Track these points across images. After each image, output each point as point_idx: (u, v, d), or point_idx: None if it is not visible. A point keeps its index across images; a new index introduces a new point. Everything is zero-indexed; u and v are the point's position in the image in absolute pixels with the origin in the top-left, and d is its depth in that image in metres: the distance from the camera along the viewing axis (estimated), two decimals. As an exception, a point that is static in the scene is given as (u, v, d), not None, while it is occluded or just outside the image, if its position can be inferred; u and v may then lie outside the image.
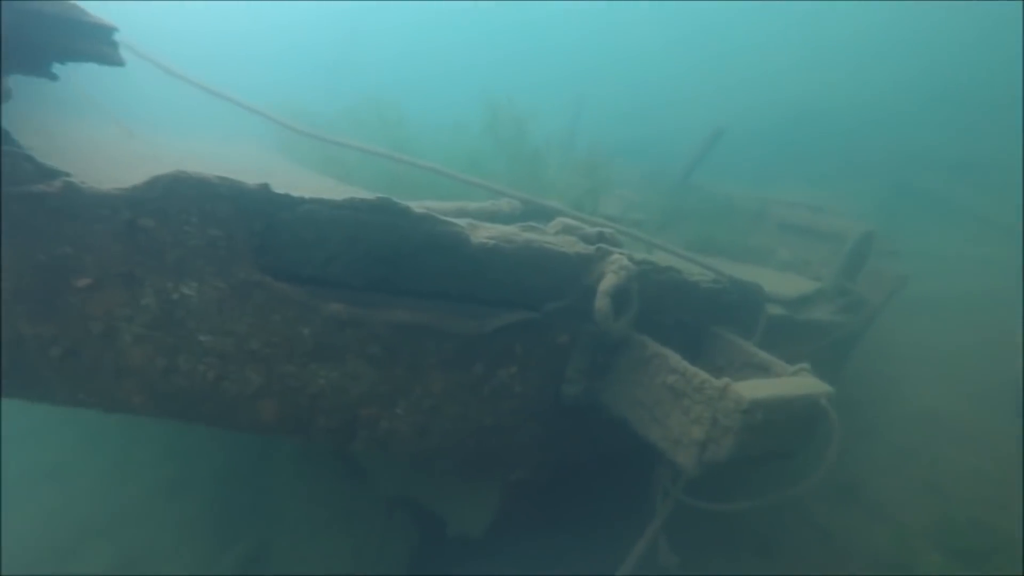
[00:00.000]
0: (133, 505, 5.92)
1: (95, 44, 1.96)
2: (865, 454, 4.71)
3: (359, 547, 4.84)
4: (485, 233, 2.69)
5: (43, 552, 5.43)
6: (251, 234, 2.19)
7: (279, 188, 2.28)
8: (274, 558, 5.34)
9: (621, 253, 3.00)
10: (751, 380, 2.83)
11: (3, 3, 1.61)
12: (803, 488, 3.07)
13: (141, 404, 2.28)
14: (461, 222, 2.63)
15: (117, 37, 2.21)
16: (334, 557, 4.99)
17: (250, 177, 2.17)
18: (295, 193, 2.23)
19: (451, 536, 3.69)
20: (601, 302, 2.82)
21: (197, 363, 2.30)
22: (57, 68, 2.10)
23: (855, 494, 4.43)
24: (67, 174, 1.89)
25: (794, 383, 2.95)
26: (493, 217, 3.75)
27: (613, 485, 3.66)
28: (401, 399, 2.79)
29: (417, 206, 2.91)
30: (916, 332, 6.15)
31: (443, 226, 2.53)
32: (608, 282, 2.83)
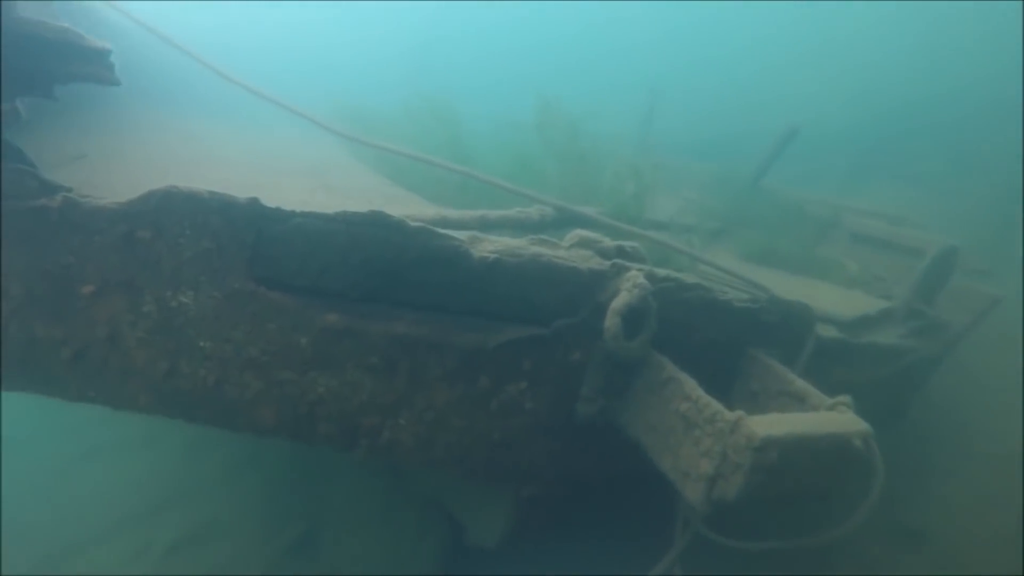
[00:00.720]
0: (205, 479, 6.35)
1: (92, 66, 2.08)
2: (939, 497, 4.22)
3: (396, 542, 4.95)
4: (489, 247, 2.63)
5: (124, 517, 5.93)
6: (243, 246, 2.25)
7: (273, 200, 2.33)
8: (322, 542, 5.57)
9: (640, 269, 2.84)
10: (773, 414, 2.60)
11: (4, 28, 1.73)
12: (830, 536, 2.81)
13: (146, 403, 2.41)
14: (462, 235, 2.58)
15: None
16: (374, 549, 5.14)
17: (297, 176, 2.20)
18: (287, 207, 2.25)
19: (467, 545, 3.68)
20: (611, 321, 2.68)
21: (198, 367, 2.40)
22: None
23: (922, 540, 3.97)
24: (68, 189, 2.02)
25: (826, 419, 2.68)
26: (521, 225, 3.67)
27: (634, 506, 3.51)
28: (404, 410, 2.79)
29: (416, 218, 2.90)
30: (1014, 361, 5.42)
31: (440, 240, 2.49)
32: (620, 301, 2.68)
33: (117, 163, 3.13)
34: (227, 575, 5.52)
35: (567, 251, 2.80)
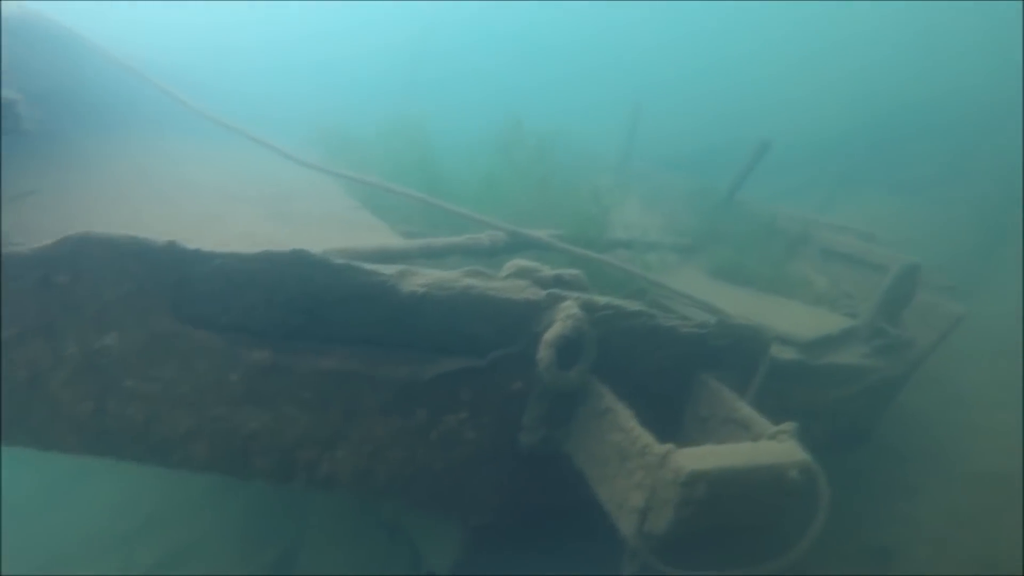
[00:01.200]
0: (187, 500, 6.39)
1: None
2: (907, 515, 4.14)
3: (367, 564, 4.96)
4: (419, 280, 2.63)
5: (108, 537, 5.99)
6: (164, 287, 2.27)
7: (196, 242, 2.35)
8: (299, 564, 5.59)
9: (578, 297, 2.83)
10: (707, 446, 2.58)
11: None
12: (773, 567, 2.77)
13: (75, 444, 2.43)
14: (391, 269, 2.58)
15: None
16: (346, 570, 5.15)
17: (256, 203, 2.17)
18: (206, 248, 2.27)
19: (423, 572, 3.68)
20: (544, 352, 2.68)
21: (126, 406, 2.42)
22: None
23: (888, 559, 3.90)
24: (-16, 236, 2.05)
25: (762, 450, 2.65)
26: (471, 251, 3.68)
27: (587, 533, 3.48)
28: (341, 442, 2.80)
29: (350, 252, 2.91)
30: (988, 379, 5.32)
31: (366, 276, 2.50)
32: (553, 332, 2.68)
33: (68, 199, 3.18)
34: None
35: (502, 282, 2.80)
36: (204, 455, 2.63)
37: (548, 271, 2.92)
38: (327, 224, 3.91)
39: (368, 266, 2.53)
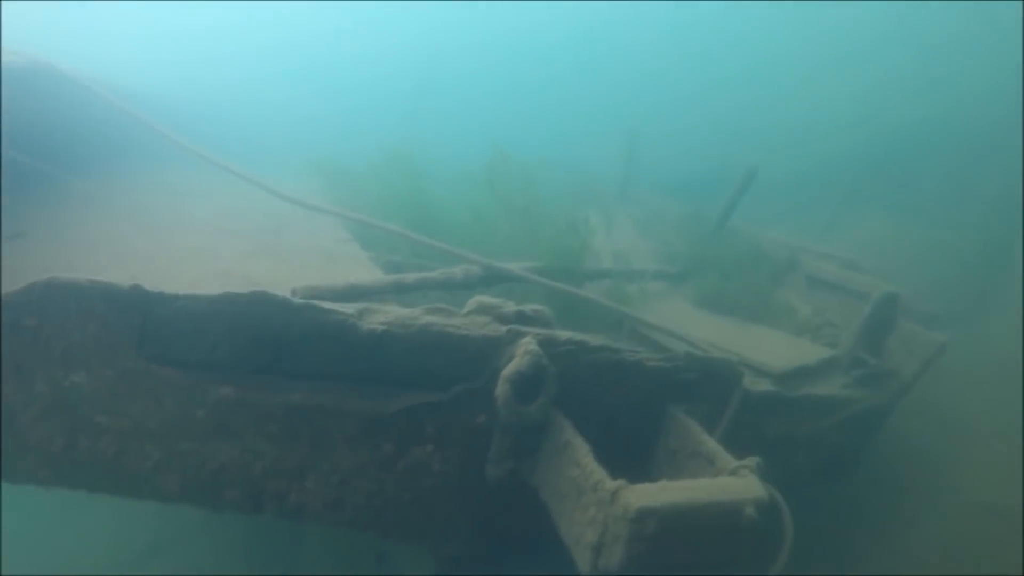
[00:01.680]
0: (189, 526, 6.48)
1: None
2: (900, 547, 4.06)
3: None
4: (378, 319, 2.71)
5: (112, 565, 6.09)
6: (130, 328, 2.38)
7: (176, 279, 2.47)
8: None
9: (538, 333, 2.89)
10: (662, 482, 2.59)
11: None
12: None
13: (47, 478, 2.54)
14: (350, 308, 2.67)
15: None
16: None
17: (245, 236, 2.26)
18: (169, 290, 2.38)
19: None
20: (501, 388, 2.73)
21: (96, 441, 2.52)
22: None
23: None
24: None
25: (719, 486, 2.66)
26: (444, 285, 3.76)
27: (559, 565, 3.49)
28: (310, 474, 2.87)
29: (308, 292, 3.01)
30: (989, 406, 5.20)
31: (326, 315, 2.58)
32: (510, 368, 2.73)
33: (57, 239, 3.33)
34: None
35: (463, 319, 2.87)
36: (175, 488, 2.72)
37: (510, 307, 2.99)
38: (311, 258, 4.03)
39: (328, 305, 2.62)
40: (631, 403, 3.26)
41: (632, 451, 3.43)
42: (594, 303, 3.79)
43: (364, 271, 3.93)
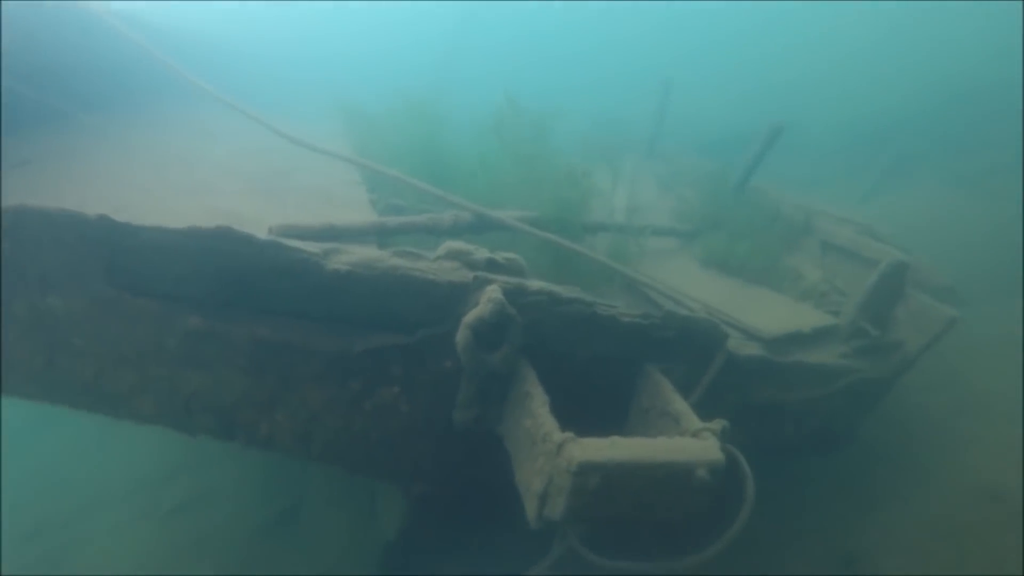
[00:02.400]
0: (214, 449, 6.87)
1: None
2: (887, 523, 3.92)
3: (356, 523, 5.24)
4: (345, 259, 2.73)
5: (134, 483, 6.54)
6: (98, 257, 2.47)
7: (161, 215, 2.54)
8: (301, 517, 5.96)
9: (505, 282, 2.86)
10: (613, 437, 2.56)
11: None
12: (696, 560, 2.77)
13: (34, 393, 2.71)
14: (316, 248, 2.70)
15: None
16: (339, 526, 5.46)
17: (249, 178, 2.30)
18: (136, 222, 2.45)
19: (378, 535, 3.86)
20: (461, 334, 2.74)
21: (73, 362, 2.67)
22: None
23: (854, 566, 3.74)
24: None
25: (674, 446, 2.62)
26: (431, 230, 3.75)
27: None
28: (279, 407, 2.97)
29: (282, 231, 3.04)
30: (1007, 388, 4.88)
31: (290, 253, 2.62)
32: (472, 314, 2.73)
33: (61, 169, 3.46)
34: (221, 537, 6.04)
35: (430, 263, 2.87)
36: (150, 410, 2.87)
37: (482, 253, 2.96)
38: (309, 200, 4.07)
39: (293, 243, 2.65)
40: (608, 359, 3.23)
41: (610, 407, 3.42)
42: (585, 256, 3.72)
43: (359, 214, 3.96)
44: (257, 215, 3.50)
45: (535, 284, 2.96)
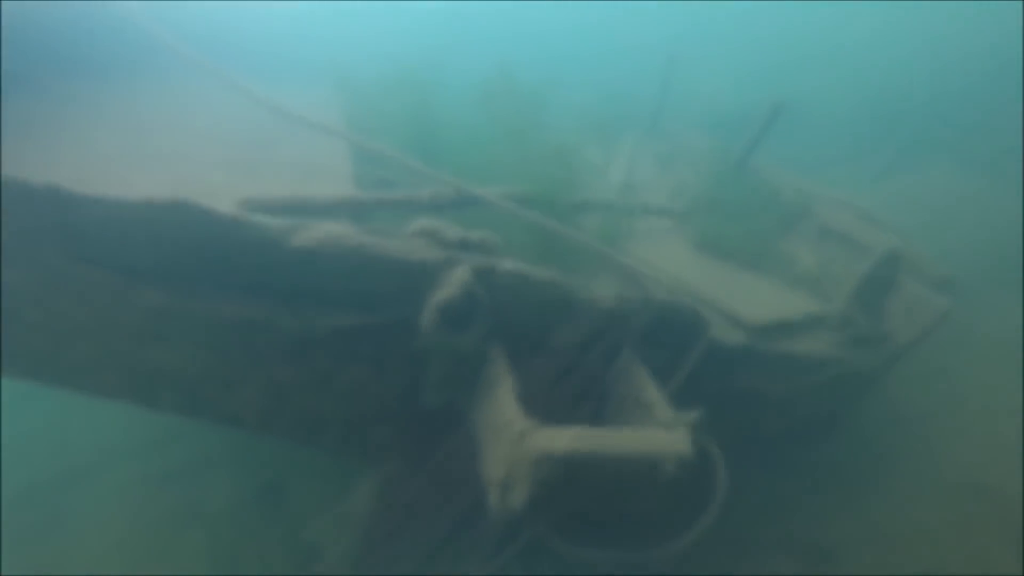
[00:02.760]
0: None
1: None
2: (866, 516, 3.84)
3: (339, 498, 5.25)
4: (310, 235, 2.64)
5: (127, 447, 6.56)
6: (52, 227, 2.39)
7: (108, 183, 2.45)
8: (287, 491, 5.98)
9: (478, 263, 2.76)
10: (579, 428, 2.49)
11: None
12: (666, 550, 2.71)
13: None
14: (281, 224, 2.60)
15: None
16: (321, 500, 5.47)
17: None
18: (90, 192, 2.36)
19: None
20: (427, 316, 2.65)
21: (32, 334, 2.61)
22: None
23: (828, 561, 3.66)
24: None
25: (644, 438, 2.55)
26: (409, 207, 3.64)
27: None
28: (247, 383, 2.91)
29: (250, 204, 2.94)
30: (1002, 383, 4.74)
31: (249, 229, 2.52)
32: (439, 295, 2.64)
33: (27, 138, 3.36)
34: (211, 505, 6.08)
35: (400, 241, 2.77)
36: (114, 384, 2.82)
37: (455, 232, 2.86)
38: (291, 172, 3.96)
39: (256, 219, 2.56)
40: (586, 343, 3.14)
41: (588, 394, 3.34)
42: (569, 236, 3.60)
43: (340, 187, 3.85)
44: (231, 186, 3.40)
45: (507, 265, 2.86)
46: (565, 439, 2.38)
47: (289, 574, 5.48)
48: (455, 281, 2.64)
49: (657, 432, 2.61)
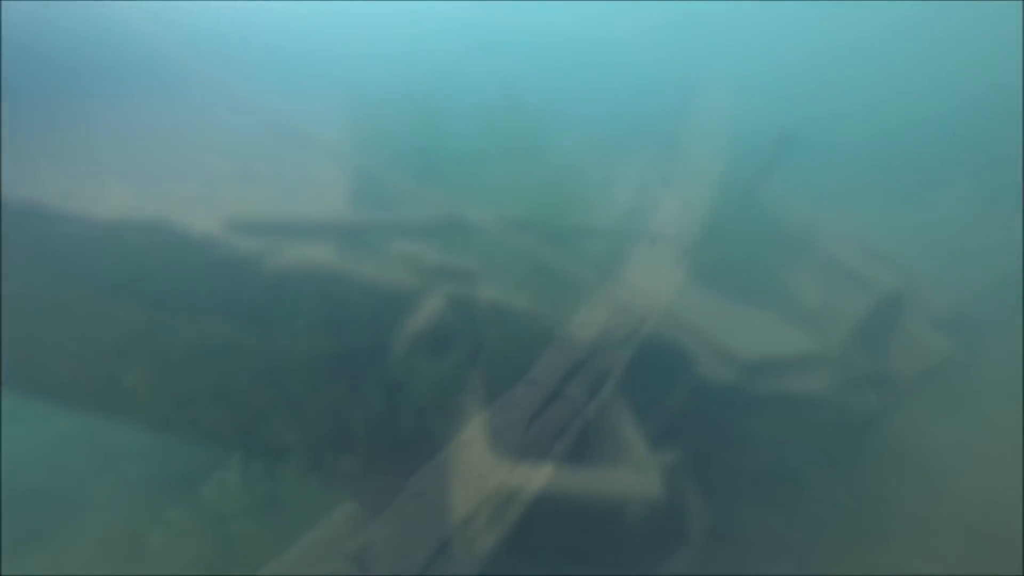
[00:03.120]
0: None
1: None
2: (867, 562, 3.69)
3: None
4: (286, 258, 2.64)
5: (143, 446, 6.59)
6: (26, 243, 2.43)
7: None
8: (285, 496, 5.95)
9: (453, 292, 2.73)
10: (545, 467, 2.44)
11: None
12: None
13: None
14: (255, 246, 2.60)
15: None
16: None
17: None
18: (65, 208, 2.39)
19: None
20: (399, 343, 2.63)
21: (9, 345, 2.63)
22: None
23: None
24: None
25: (613, 479, 2.50)
26: (398, 229, 3.61)
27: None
28: (217, 404, 2.90)
29: (231, 225, 2.95)
30: (1018, 425, 4.52)
31: (225, 249, 2.53)
32: (411, 323, 2.62)
33: (32, 151, 3.42)
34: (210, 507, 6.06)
35: (378, 267, 2.75)
36: (89, 404, 2.83)
37: (434, 258, 2.84)
38: (290, 186, 3.96)
39: (232, 240, 2.57)
40: (567, 375, 3.08)
41: (569, 426, 3.28)
42: (560, 262, 3.55)
43: (337, 204, 3.85)
44: (219, 201, 3.42)
45: (487, 293, 2.83)
46: (533, 480, 2.33)
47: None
48: (428, 310, 2.61)
49: (628, 474, 2.54)
